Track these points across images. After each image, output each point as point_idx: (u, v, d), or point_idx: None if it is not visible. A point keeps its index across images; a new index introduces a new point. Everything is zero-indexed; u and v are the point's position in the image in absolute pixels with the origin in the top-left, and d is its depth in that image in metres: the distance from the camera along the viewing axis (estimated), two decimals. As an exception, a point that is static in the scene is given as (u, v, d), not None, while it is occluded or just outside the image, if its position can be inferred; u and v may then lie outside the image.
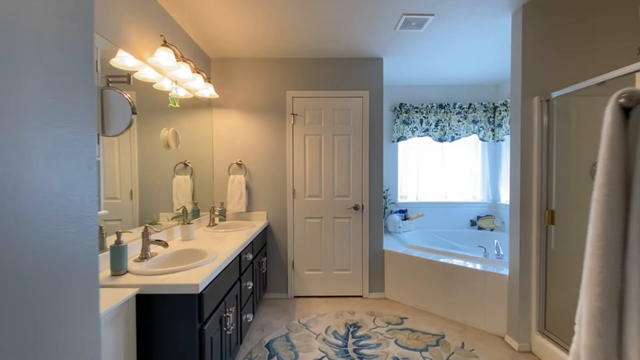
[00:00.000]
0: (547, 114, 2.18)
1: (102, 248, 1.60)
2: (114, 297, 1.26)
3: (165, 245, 1.75)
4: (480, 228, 4.10)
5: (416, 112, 4.09)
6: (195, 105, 2.85)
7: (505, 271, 2.52)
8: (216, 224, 2.87)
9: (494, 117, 4.11)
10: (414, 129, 4.10)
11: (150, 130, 2.13)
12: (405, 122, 4.08)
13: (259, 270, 2.80)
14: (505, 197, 4.04)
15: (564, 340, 2.07)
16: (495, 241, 3.00)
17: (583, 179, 2.19)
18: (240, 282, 2.12)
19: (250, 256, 2.32)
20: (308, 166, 3.23)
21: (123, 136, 1.82)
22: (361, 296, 3.28)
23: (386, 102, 4.18)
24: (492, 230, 4.03)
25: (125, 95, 1.39)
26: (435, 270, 2.87)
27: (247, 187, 3.24)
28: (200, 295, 1.43)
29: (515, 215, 2.31)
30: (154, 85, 2.16)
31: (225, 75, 3.22)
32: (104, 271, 1.55)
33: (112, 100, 1.38)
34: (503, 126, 3.90)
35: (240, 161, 3.23)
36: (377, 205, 3.25)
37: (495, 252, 2.84)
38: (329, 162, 3.23)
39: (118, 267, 1.51)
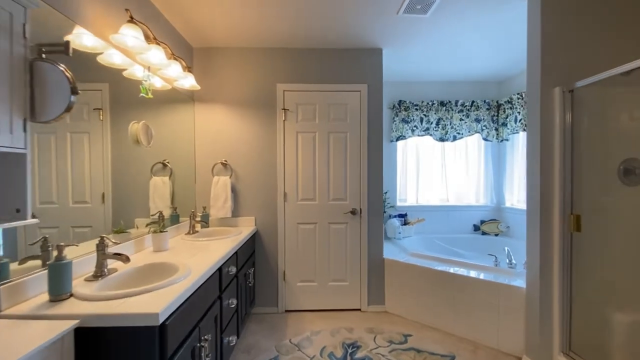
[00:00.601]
0: (570, 107, 1.93)
1: (45, 265, 1.28)
2: (44, 333, 0.94)
3: (126, 259, 1.43)
4: (484, 233, 3.86)
5: (416, 109, 3.84)
6: (175, 98, 2.53)
7: (521, 282, 2.26)
8: (197, 231, 2.54)
9: (497, 116, 3.88)
10: (414, 128, 3.84)
11: (125, 127, 1.86)
12: (404, 121, 3.83)
13: (245, 284, 2.48)
14: (510, 201, 3.80)
15: (594, 364, 1.81)
16: (506, 249, 2.74)
17: (610, 180, 1.94)
18: (220, 300, 1.80)
19: (233, 269, 2.00)
20: (301, 166, 2.94)
21: (94, 133, 1.57)
22: (359, 309, 2.98)
23: (384, 99, 3.91)
24: (496, 235, 3.79)
25: (60, 67, 1.08)
26: (441, 281, 2.59)
27: (233, 190, 2.92)
28: (163, 326, 1.11)
29: (534, 221, 2.05)
30: (124, 73, 1.86)
31: (209, 66, 2.91)
32: (42, 295, 1.22)
33: (46, 76, 1.06)
34: (508, 125, 3.67)
35: (225, 161, 2.91)
36: (376, 210, 2.97)
37: (507, 260, 2.58)
38: (323, 162, 2.94)
39: (58, 290, 1.18)
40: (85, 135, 1.52)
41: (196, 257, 1.76)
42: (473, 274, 2.47)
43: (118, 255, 1.43)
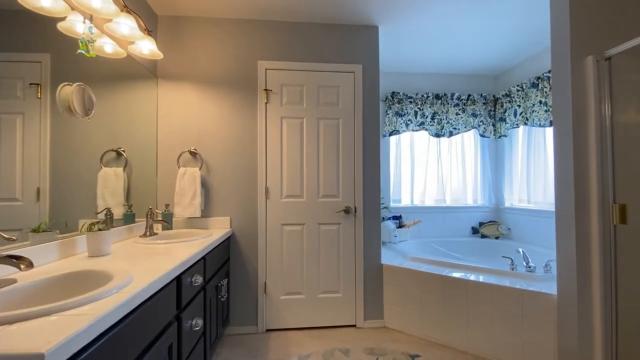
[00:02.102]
0: (607, 78, 1.64)
1: None
2: None
3: (28, 266, 0.94)
4: (483, 236, 3.56)
5: (410, 102, 3.54)
6: (133, 73, 2.06)
7: (545, 287, 1.92)
8: (156, 234, 2.03)
9: (494, 111, 3.65)
10: (408, 122, 3.53)
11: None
12: (398, 114, 3.51)
13: (216, 299, 1.98)
14: (509, 200, 3.54)
15: (651, 387, 1.46)
16: (521, 250, 2.42)
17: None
18: (179, 321, 1.31)
19: (199, 279, 1.51)
20: (286, 157, 2.51)
21: (29, 114, 1.27)
22: (354, 325, 2.54)
23: (376, 90, 3.58)
24: (497, 238, 3.50)
25: None
26: (451, 289, 2.21)
27: (204, 184, 2.43)
28: (58, 377, 0.63)
29: (567, 213, 1.72)
30: (59, 26, 1.43)
31: (176, 38, 2.45)
32: None
33: None
34: (507, 119, 3.44)
35: (194, 149, 2.43)
36: (372, 208, 2.57)
37: (524, 263, 2.25)
38: (312, 153, 2.52)
39: None
40: (18, 117, 1.22)
41: (147, 264, 1.27)
42: (488, 279, 2.11)
43: (13, 260, 0.93)
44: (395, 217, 3.43)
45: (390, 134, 3.52)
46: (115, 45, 1.84)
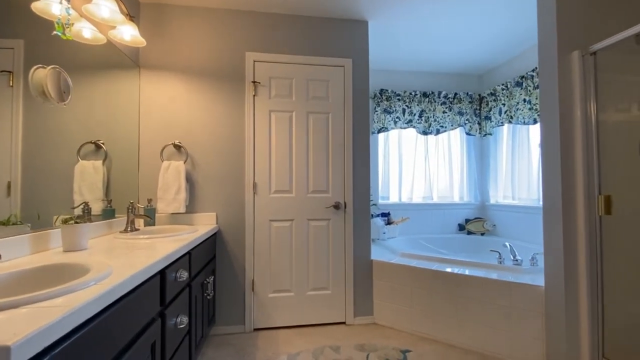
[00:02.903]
0: (592, 73, 1.68)
1: None
2: None
3: (-7, 256, 0.85)
4: (469, 232, 3.60)
5: (398, 99, 3.55)
6: (114, 61, 1.96)
7: (534, 280, 1.94)
8: (137, 229, 1.93)
9: (480, 109, 3.72)
10: (397, 119, 3.54)
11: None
12: (386, 111, 3.51)
13: (202, 296, 1.90)
14: (494, 197, 3.61)
15: (635, 374, 1.49)
16: (508, 244, 2.45)
17: (634, 157, 1.71)
18: (163, 318, 1.23)
19: (184, 275, 1.44)
20: (275, 152, 2.45)
21: (0, 103, 1.18)
22: (344, 323, 2.50)
23: (365, 87, 3.58)
24: (482, 234, 3.55)
25: None
26: (440, 284, 2.21)
27: (189, 179, 2.34)
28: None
29: (554, 206, 1.75)
30: (32, 7, 1.32)
31: (160, 26, 2.35)
32: None
33: None
34: (492, 118, 3.50)
35: (179, 142, 2.34)
36: (362, 204, 2.55)
37: (512, 257, 2.28)
38: (302, 147, 2.48)
39: None
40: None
41: (128, 258, 1.19)
42: (477, 273, 2.12)
43: (-24, 249, 0.84)
44: (383, 214, 3.43)
45: (379, 131, 3.52)
46: (95, 30, 1.74)
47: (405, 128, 3.57)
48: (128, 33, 1.86)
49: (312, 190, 2.49)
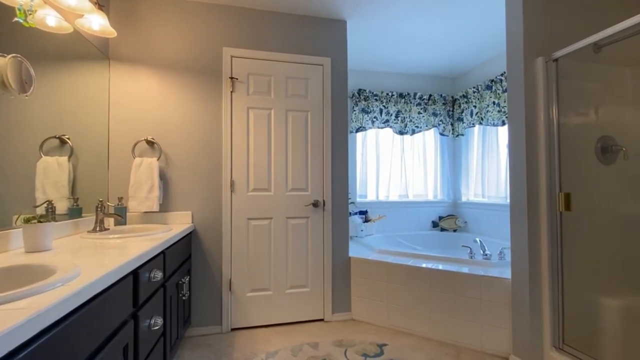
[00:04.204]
0: (555, 78, 1.80)
1: None
2: None
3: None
4: (443, 229, 3.74)
5: (376, 100, 3.62)
6: (81, 52, 1.86)
7: (502, 274, 2.05)
8: (107, 229, 1.84)
9: (453, 111, 3.86)
10: (374, 119, 3.61)
11: None
12: (364, 111, 3.57)
13: (177, 297, 1.85)
14: (466, 195, 3.76)
15: (590, 356, 1.62)
16: (478, 239, 2.57)
17: (591, 157, 1.85)
18: (135, 320, 1.19)
19: (159, 275, 1.39)
20: (253, 149, 2.42)
21: None
22: (323, 320, 2.52)
23: (343, 86, 3.61)
24: (455, 231, 3.70)
25: None
26: (415, 279, 2.28)
27: (162, 176, 2.27)
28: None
29: (520, 203, 1.86)
30: None
31: (132, 18, 2.26)
32: None
33: None
34: (464, 119, 3.65)
35: (152, 138, 2.25)
36: (341, 202, 2.58)
37: (482, 251, 2.39)
38: (281, 145, 2.47)
39: None
40: None
41: (97, 257, 1.13)
42: (450, 267, 2.21)
43: None
44: (361, 212, 3.48)
45: (357, 131, 3.56)
46: (60, 18, 1.64)
47: (382, 128, 3.64)
48: (97, 22, 1.77)
49: (291, 188, 2.48)
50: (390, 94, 3.65)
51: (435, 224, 3.81)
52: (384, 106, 3.64)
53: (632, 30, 1.45)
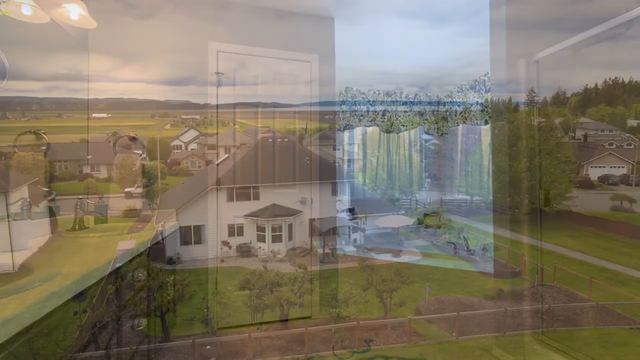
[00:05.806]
0: (536, 78, 1.86)
1: None
2: None
3: None
4: (427, 226, 3.83)
5: (363, 97, 3.64)
6: (59, 43, 1.77)
7: (484, 268, 2.11)
8: (87, 227, 1.77)
9: (437, 110, 3.94)
10: (361, 117, 3.64)
11: None
12: (352, 109, 3.58)
13: (161, 296, 1.80)
14: (450, 193, 3.85)
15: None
16: (462, 236, 2.63)
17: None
18: (118, 322, 1.15)
19: (143, 274, 1.35)
20: (240, 145, 2.38)
21: None
22: (310, 317, 2.53)
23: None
24: (439, 227, 3.79)
25: None
26: (400, 274, 2.32)
27: (146, 174, 2.20)
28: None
29: (502, 200, 1.91)
30: None
31: (113, 12, 2.17)
32: None
33: None
34: (448, 118, 3.73)
35: (135, 135, 2.19)
36: (328, 199, 2.58)
37: (465, 247, 2.45)
38: (269, 141, 2.44)
39: None
40: None
41: (76, 257, 1.09)
42: (432, 263, 2.25)
43: None
44: (349, 210, 3.51)
45: (344, 129, 3.58)
46: (36, 7, 1.56)
47: (369, 126, 3.67)
48: (75, 11, 1.68)
49: (279, 185, 2.46)
50: (377, 92, 3.69)
51: (419, 221, 3.89)
52: (370, 104, 3.67)
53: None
